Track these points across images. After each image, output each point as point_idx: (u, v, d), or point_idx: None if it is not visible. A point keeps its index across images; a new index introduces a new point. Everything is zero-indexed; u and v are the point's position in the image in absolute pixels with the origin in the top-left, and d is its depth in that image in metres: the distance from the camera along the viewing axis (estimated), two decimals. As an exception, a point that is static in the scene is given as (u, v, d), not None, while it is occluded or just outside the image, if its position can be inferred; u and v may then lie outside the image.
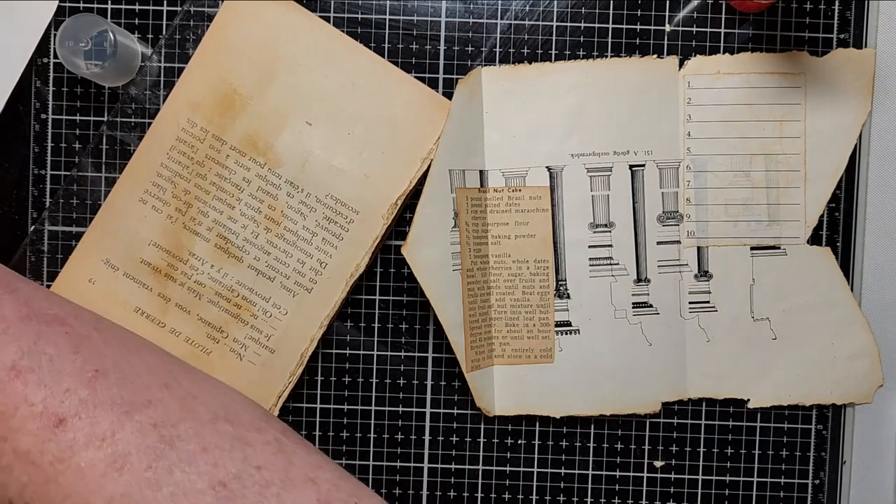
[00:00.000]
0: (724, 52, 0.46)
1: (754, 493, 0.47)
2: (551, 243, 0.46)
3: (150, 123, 0.45)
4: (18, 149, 0.47)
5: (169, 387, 0.35)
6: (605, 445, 0.47)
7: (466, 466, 0.48)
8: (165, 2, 0.47)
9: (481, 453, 0.48)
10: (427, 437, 0.48)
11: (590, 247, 0.46)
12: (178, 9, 0.47)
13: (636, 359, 0.46)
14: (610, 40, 0.47)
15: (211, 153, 0.45)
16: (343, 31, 0.45)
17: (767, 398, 0.47)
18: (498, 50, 0.47)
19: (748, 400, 0.47)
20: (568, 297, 0.46)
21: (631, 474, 0.47)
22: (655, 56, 0.46)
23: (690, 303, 0.46)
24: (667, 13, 0.46)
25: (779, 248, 0.46)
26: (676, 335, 0.46)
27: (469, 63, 0.47)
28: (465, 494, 0.47)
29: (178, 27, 0.46)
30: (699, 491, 0.47)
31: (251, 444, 0.34)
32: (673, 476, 0.47)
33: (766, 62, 0.46)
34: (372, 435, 0.47)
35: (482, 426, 0.48)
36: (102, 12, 0.46)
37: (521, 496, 0.47)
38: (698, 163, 0.46)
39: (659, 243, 0.46)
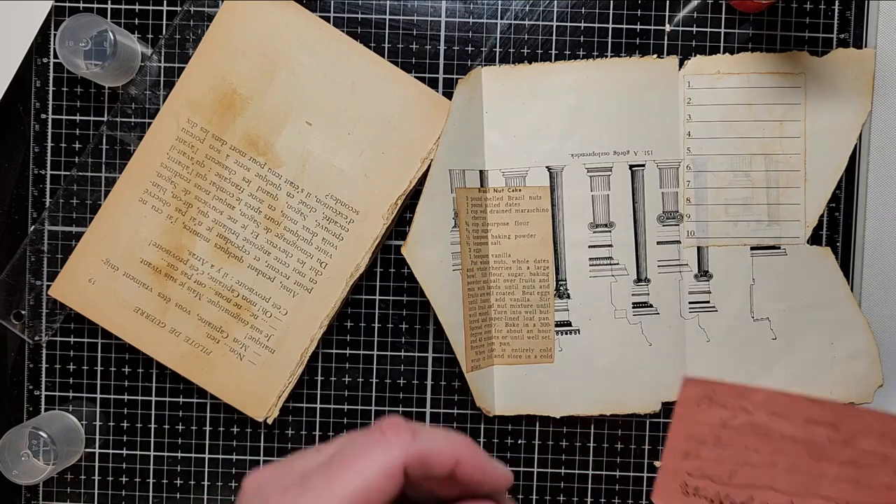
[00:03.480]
0: (724, 52, 0.46)
1: (754, 493, 0.47)
2: (551, 243, 0.46)
3: (150, 123, 0.45)
4: (18, 149, 0.47)
5: None
6: (605, 445, 0.47)
7: (466, 466, 0.48)
8: (165, 2, 0.47)
9: (481, 453, 0.47)
10: (427, 437, 0.47)
11: (590, 247, 0.46)
12: (178, 9, 0.47)
13: (636, 359, 0.46)
14: (610, 40, 0.46)
15: (211, 153, 0.45)
16: (343, 31, 0.45)
17: (767, 398, 0.47)
18: (498, 50, 0.47)
19: (748, 400, 0.47)
20: (568, 296, 0.46)
21: (631, 474, 0.47)
22: (655, 56, 0.46)
23: (690, 303, 0.46)
24: (667, 13, 0.46)
25: (779, 248, 0.46)
26: (676, 335, 0.46)
27: (469, 63, 0.47)
28: (465, 494, 0.47)
29: (178, 27, 0.46)
30: (699, 491, 0.47)
31: None
32: (673, 476, 0.47)
33: (766, 62, 0.46)
34: (372, 435, 0.47)
35: (482, 426, 0.48)
36: (102, 12, 0.46)
37: (521, 496, 0.47)
38: (698, 163, 0.46)
39: (659, 243, 0.46)
